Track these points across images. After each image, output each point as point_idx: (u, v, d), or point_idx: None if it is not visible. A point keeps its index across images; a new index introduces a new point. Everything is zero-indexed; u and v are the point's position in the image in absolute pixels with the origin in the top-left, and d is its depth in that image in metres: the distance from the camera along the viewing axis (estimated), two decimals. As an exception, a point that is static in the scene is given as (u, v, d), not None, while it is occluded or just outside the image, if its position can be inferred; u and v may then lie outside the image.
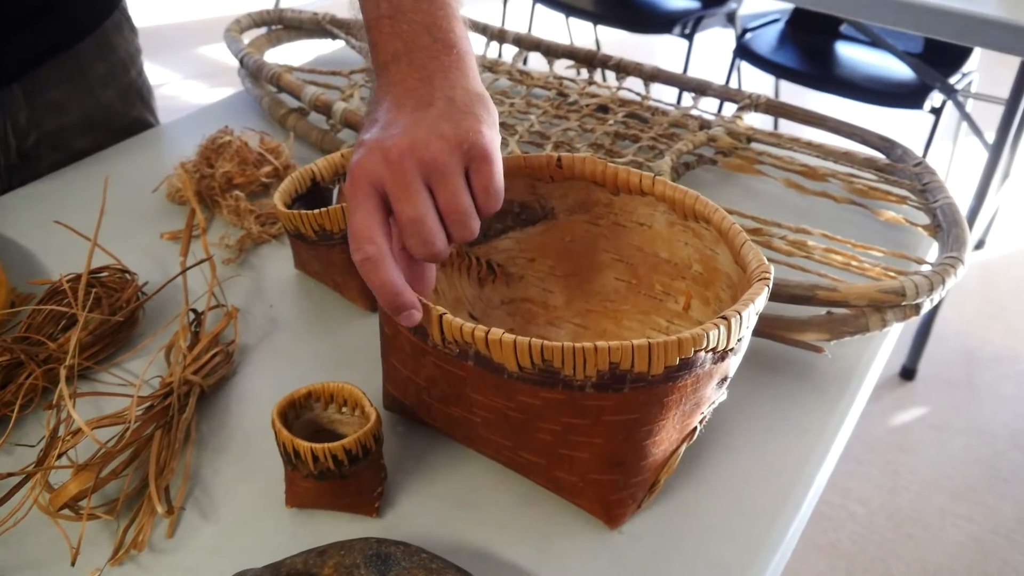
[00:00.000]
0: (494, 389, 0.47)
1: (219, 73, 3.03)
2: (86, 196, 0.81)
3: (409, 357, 0.51)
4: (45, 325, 0.61)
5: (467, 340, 0.46)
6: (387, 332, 0.53)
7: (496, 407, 0.48)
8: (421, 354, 0.50)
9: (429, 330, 0.47)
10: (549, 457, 0.50)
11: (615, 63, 0.96)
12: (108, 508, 0.50)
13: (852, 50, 2.18)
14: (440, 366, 0.49)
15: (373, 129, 0.47)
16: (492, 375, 0.47)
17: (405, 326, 0.48)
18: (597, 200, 0.60)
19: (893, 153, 0.84)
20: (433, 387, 0.51)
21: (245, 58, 0.94)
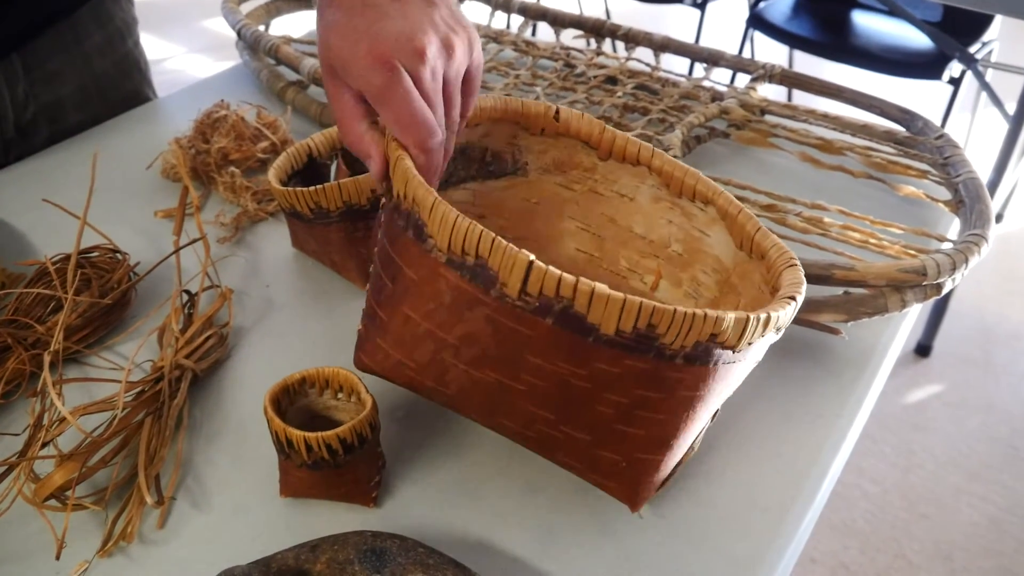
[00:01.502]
0: (567, 353, 0.41)
1: (222, 46, 3.00)
2: (80, 173, 0.79)
3: (444, 309, 0.43)
4: (34, 307, 0.59)
5: (563, 295, 0.39)
6: (412, 277, 0.44)
7: (558, 373, 0.42)
8: (470, 306, 0.42)
9: (503, 278, 0.40)
10: (599, 433, 0.45)
11: (624, 33, 0.93)
12: (96, 498, 0.49)
13: (868, 19, 2.12)
14: (498, 321, 0.42)
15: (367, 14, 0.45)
16: (573, 337, 0.41)
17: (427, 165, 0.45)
18: (579, 163, 0.57)
19: (913, 125, 0.80)
20: (469, 346, 0.43)
21: (243, 30, 0.92)
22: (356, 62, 0.44)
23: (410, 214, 0.43)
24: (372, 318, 0.47)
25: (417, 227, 0.43)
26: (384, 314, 0.46)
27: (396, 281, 0.45)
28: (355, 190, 0.60)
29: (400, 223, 0.44)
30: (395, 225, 0.45)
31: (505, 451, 0.53)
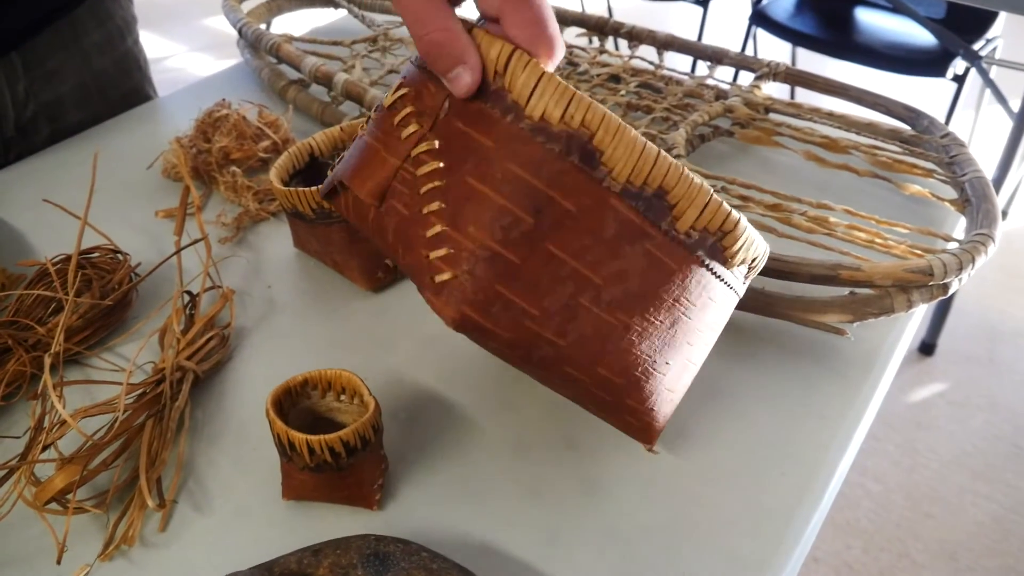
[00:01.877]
0: (695, 287, 0.43)
1: (223, 44, 2.99)
2: (80, 172, 0.78)
3: (603, 243, 0.40)
4: (34, 308, 0.59)
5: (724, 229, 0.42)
6: (569, 209, 0.39)
7: (678, 308, 0.43)
8: (632, 240, 0.40)
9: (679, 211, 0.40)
10: (677, 364, 0.45)
11: (627, 31, 0.92)
12: (98, 501, 0.48)
13: (872, 16, 2.12)
14: (654, 257, 0.41)
15: None
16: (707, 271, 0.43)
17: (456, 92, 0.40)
18: None
19: (919, 124, 0.80)
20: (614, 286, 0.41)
21: (244, 28, 0.91)
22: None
23: (573, 137, 0.39)
24: (488, 261, 0.39)
25: (586, 152, 0.39)
26: (515, 255, 0.39)
27: (541, 214, 0.39)
28: (357, 190, 0.59)
29: (553, 147, 0.39)
30: (541, 150, 0.39)
31: (508, 453, 0.53)
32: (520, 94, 0.39)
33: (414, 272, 0.41)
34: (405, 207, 0.41)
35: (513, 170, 0.39)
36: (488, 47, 0.39)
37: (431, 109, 0.41)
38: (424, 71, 0.42)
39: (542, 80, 0.39)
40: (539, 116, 0.39)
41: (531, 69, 0.39)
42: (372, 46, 0.95)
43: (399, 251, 0.41)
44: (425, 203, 0.40)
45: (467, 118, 0.40)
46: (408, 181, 0.41)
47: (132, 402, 0.52)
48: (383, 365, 0.59)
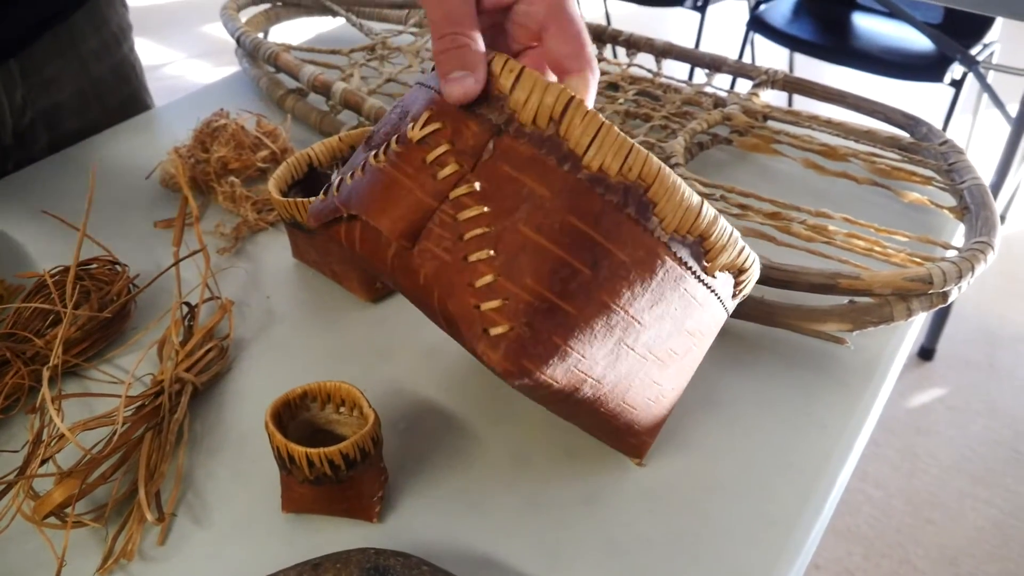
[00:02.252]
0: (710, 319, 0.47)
1: (221, 52, 3.00)
2: (79, 183, 0.78)
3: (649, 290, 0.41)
4: (32, 320, 0.59)
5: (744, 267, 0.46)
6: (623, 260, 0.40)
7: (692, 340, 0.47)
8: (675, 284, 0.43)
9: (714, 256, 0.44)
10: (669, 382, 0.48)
11: (625, 38, 0.92)
12: (96, 515, 0.48)
13: (869, 21, 2.12)
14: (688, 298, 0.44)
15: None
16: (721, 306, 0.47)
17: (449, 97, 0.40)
18: None
19: (917, 131, 0.80)
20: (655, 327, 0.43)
21: (242, 37, 0.91)
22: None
23: (630, 190, 0.39)
24: (546, 314, 0.39)
25: (641, 204, 0.40)
26: (572, 307, 0.40)
27: (598, 267, 0.39)
28: (356, 200, 0.59)
29: (613, 199, 0.39)
30: (599, 201, 0.39)
31: (508, 464, 0.53)
32: (579, 143, 0.39)
33: (458, 321, 0.40)
34: (446, 252, 0.40)
35: (572, 221, 0.39)
36: (543, 93, 0.39)
37: (472, 149, 0.40)
38: (462, 108, 0.41)
39: (601, 131, 0.39)
40: (598, 167, 0.39)
41: (590, 119, 0.39)
42: (370, 55, 0.95)
43: (434, 296, 0.41)
44: (471, 250, 0.40)
45: (517, 163, 0.40)
46: (448, 224, 0.40)
47: (131, 414, 0.52)
48: (382, 375, 0.59)
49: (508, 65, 0.40)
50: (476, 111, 0.40)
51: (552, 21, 0.41)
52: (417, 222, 0.41)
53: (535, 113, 0.40)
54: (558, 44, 0.41)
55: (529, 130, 0.40)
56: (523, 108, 0.40)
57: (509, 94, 0.40)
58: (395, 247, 0.42)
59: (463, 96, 0.39)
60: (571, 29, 0.41)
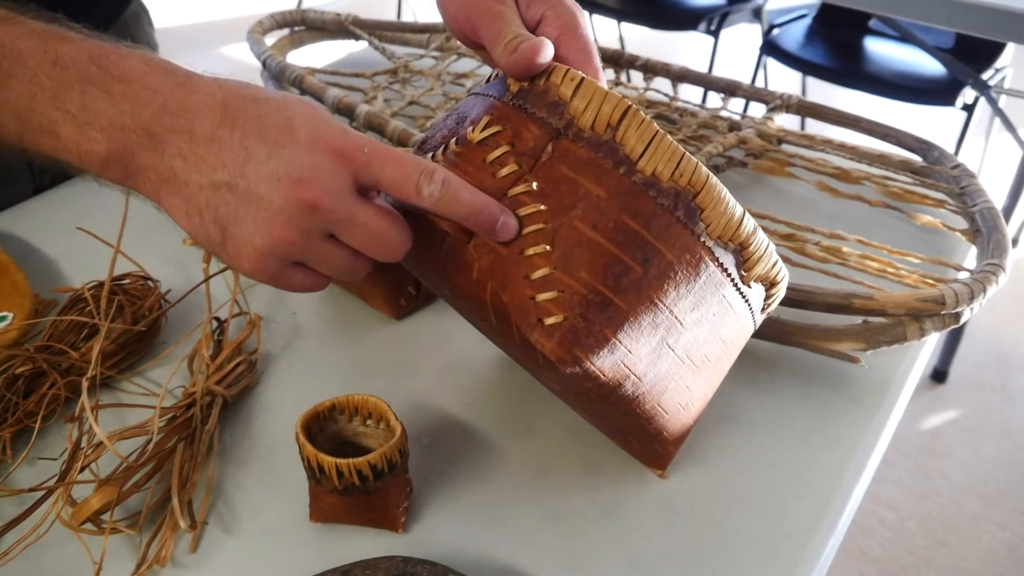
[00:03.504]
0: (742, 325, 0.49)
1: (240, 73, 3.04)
2: (109, 201, 0.80)
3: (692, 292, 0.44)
4: (67, 334, 0.61)
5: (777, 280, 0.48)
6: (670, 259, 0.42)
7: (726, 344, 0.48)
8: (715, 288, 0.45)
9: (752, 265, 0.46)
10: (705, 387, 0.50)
11: (642, 63, 0.94)
12: (130, 522, 0.50)
13: (881, 45, 2.14)
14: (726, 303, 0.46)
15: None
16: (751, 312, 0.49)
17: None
18: None
19: (930, 155, 0.81)
20: (695, 329, 0.45)
21: (268, 60, 0.94)
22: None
23: (680, 194, 0.42)
24: (600, 307, 0.42)
25: (689, 209, 0.42)
26: (623, 302, 0.42)
27: (649, 265, 0.42)
28: (382, 220, 0.61)
29: (664, 202, 0.42)
30: (652, 204, 0.42)
31: (529, 477, 0.54)
32: (634, 149, 0.42)
33: (512, 311, 0.42)
34: (503, 246, 0.43)
35: (626, 220, 0.42)
36: (602, 101, 0.42)
37: (532, 151, 0.43)
38: (523, 111, 0.44)
39: (656, 138, 0.42)
40: (651, 172, 0.42)
41: (646, 127, 0.42)
42: (392, 78, 0.97)
43: (488, 288, 0.43)
44: (527, 245, 0.42)
45: (575, 165, 0.42)
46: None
47: (164, 425, 0.53)
48: (406, 390, 0.60)
49: (569, 74, 0.44)
50: (538, 116, 0.43)
51: (563, 38, 0.46)
52: None
53: (594, 119, 0.43)
54: (571, 55, 0.46)
55: (587, 135, 0.43)
56: (582, 115, 0.43)
57: (569, 101, 0.43)
58: (448, 243, 0.44)
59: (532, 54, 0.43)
60: (578, 44, 0.46)
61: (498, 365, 0.62)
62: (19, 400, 0.56)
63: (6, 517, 0.50)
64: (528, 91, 0.44)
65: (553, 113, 0.43)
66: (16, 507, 0.51)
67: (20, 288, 0.66)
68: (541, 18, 0.47)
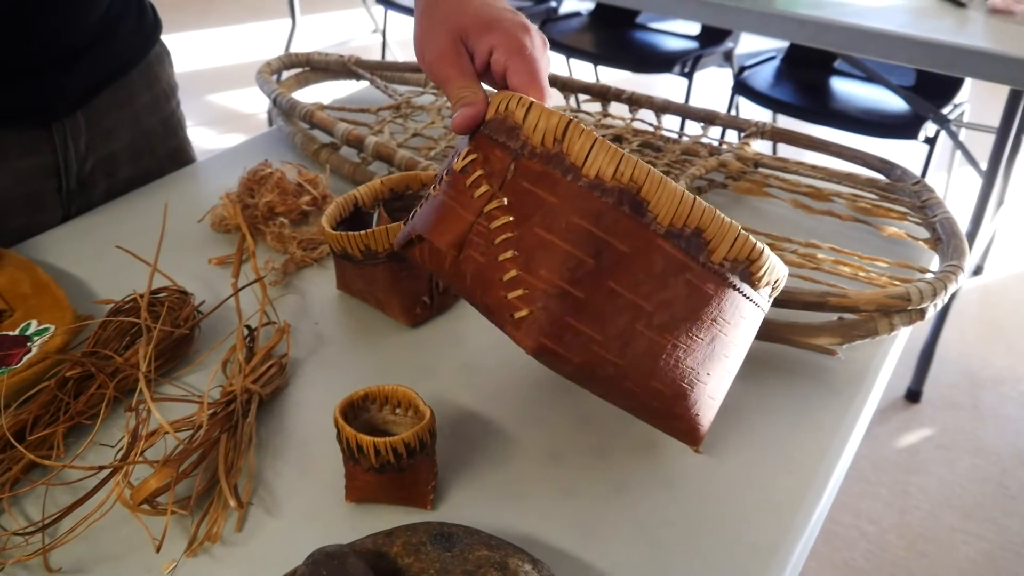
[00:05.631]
0: (731, 307, 0.51)
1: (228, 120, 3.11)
2: (134, 227, 0.86)
3: (653, 277, 0.48)
4: (111, 341, 0.66)
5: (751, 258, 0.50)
6: (623, 250, 0.47)
7: (717, 326, 0.51)
8: (676, 272, 0.48)
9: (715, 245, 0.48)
10: (716, 376, 0.53)
11: (627, 96, 1.02)
12: (182, 504, 0.54)
13: (847, 84, 2.25)
14: (694, 285, 0.49)
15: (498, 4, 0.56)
16: (739, 294, 0.50)
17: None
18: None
19: (893, 173, 0.89)
20: (663, 312, 0.49)
21: (278, 98, 1.00)
22: (504, 23, 0.53)
23: (624, 191, 0.47)
24: (559, 297, 0.47)
25: (635, 203, 0.47)
26: (580, 292, 0.47)
27: (601, 256, 0.47)
28: (401, 233, 0.67)
29: (608, 200, 0.47)
30: (596, 203, 0.47)
31: (543, 461, 0.60)
32: (578, 157, 0.48)
33: (493, 310, 0.49)
34: (482, 255, 0.49)
35: (576, 221, 0.47)
36: (548, 118, 0.49)
37: (499, 171, 0.50)
38: (490, 139, 0.51)
39: (595, 144, 0.47)
40: (594, 175, 0.47)
41: (586, 136, 0.48)
42: (396, 113, 1.04)
43: (477, 293, 0.50)
44: (500, 252, 0.49)
45: (532, 178, 0.49)
46: (483, 233, 0.49)
47: (208, 419, 0.58)
48: (425, 389, 0.66)
49: (520, 101, 0.50)
50: (501, 141, 0.50)
51: (511, 64, 0.53)
52: (461, 234, 0.50)
53: (543, 136, 0.48)
54: (514, 79, 0.53)
55: (539, 151, 0.49)
56: (533, 133, 0.49)
57: (522, 124, 0.49)
58: (450, 258, 0.51)
59: (464, 120, 0.52)
60: (524, 67, 0.52)
61: (508, 365, 0.68)
62: (70, 400, 0.61)
63: (60, 506, 0.54)
64: (492, 121, 0.51)
65: (511, 136, 0.50)
66: (70, 496, 0.55)
67: (61, 303, 0.71)
68: (491, 48, 0.54)
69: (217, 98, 3.31)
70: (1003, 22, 1.65)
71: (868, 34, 1.61)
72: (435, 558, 0.46)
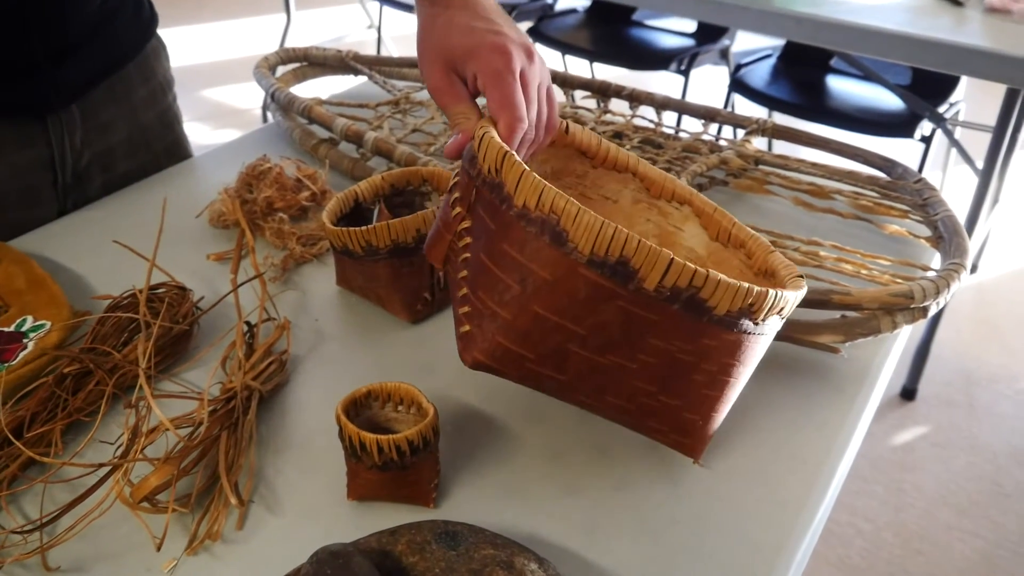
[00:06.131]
0: (684, 332, 0.49)
1: (223, 115, 3.10)
2: (130, 222, 0.85)
3: (578, 304, 0.48)
4: (109, 337, 0.65)
5: (694, 284, 0.47)
6: (546, 278, 0.48)
7: (670, 351, 0.49)
8: (605, 299, 0.48)
9: (644, 273, 0.47)
10: (689, 398, 0.52)
11: (628, 93, 1.01)
12: (182, 502, 0.54)
13: (843, 83, 2.25)
14: (628, 311, 0.48)
15: (484, 21, 0.59)
16: (691, 319, 0.48)
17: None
18: (573, 170, 0.66)
19: (894, 171, 0.89)
20: (598, 335, 0.49)
21: (276, 92, 0.99)
22: (481, 51, 0.57)
23: (545, 221, 0.48)
24: (491, 318, 0.50)
25: (555, 233, 0.47)
26: (508, 313, 0.50)
27: (525, 282, 0.49)
28: (402, 230, 0.66)
29: (531, 229, 0.48)
30: (521, 231, 0.49)
31: (546, 459, 0.59)
32: (510, 187, 0.50)
33: (455, 323, 0.54)
34: (453, 271, 0.55)
35: (505, 248, 0.50)
36: (490, 149, 0.51)
37: (467, 196, 0.53)
38: (463, 168, 0.55)
39: (523, 176, 0.49)
40: (522, 204, 0.49)
41: (515, 167, 0.49)
42: (394, 108, 1.03)
43: (454, 303, 0.54)
44: (460, 270, 0.54)
45: (483, 204, 0.52)
46: (456, 251, 0.54)
47: (207, 416, 0.58)
48: (426, 386, 0.65)
49: (480, 129, 0.53)
50: (467, 168, 0.54)
51: (487, 90, 0.56)
52: (443, 252, 0.56)
53: (488, 166, 0.51)
54: (490, 106, 0.56)
55: (488, 179, 0.51)
56: (483, 162, 0.52)
57: (477, 152, 0.52)
58: (442, 271, 0.57)
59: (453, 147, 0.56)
60: (495, 93, 0.55)
61: (510, 362, 0.68)
62: (68, 397, 0.60)
63: (59, 504, 0.53)
64: (466, 152, 0.55)
65: (472, 166, 0.53)
66: (69, 494, 0.55)
67: (57, 299, 0.70)
68: (475, 74, 0.57)
69: (212, 93, 3.29)
70: (1000, 21, 1.65)
71: (865, 32, 1.61)
72: (440, 557, 0.46)
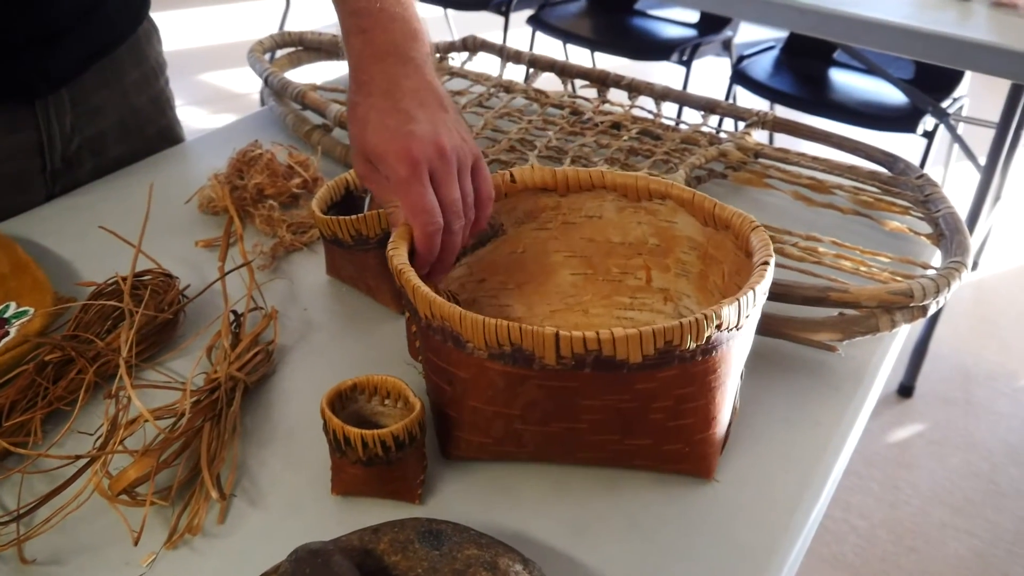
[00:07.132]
0: (610, 387, 0.50)
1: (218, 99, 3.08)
2: (121, 207, 0.84)
3: (500, 392, 0.51)
4: (92, 324, 0.64)
5: (590, 348, 0.48)
6: (465, 376, 0.52)
7: (608, 405, 0.51)
8: (520, 382, 0.50)
9: (539, 353, 0.48)
10: (658, 435, 0.53)
11: (627, 83, 1.00)
12: (162, 495, 0.53)
13: (846, 76, 2.23)
14: (546, 386, 0.50)
15: (398, 116, 0.57)
16: (610, 375, 0.49)
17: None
18: (544, 205, 0.65)
19: (895, 167, 0.87)
20: (532, 411, 0.52)
21: (270, 77, 0.98)
22: (388, 156, 0.57)
23: (444, 328, 0.51)
24: (445, 417, 0.56)
25: (454, 337, 0.50)
26: (453, 412, 0.55)
27: (453, 384, 0.53)
28: (393, 219, 0.65)
29: (438, 338, 0.52)
30: (434, 340, 0.52)
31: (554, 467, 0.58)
32: (411, 299, 0.52)
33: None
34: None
35: (429, 356, 0.54)
36: (393, 263, 0.54)
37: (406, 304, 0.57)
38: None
39: (416, 291, 0.52)
40: (424, 315, 0.52)
41: (410, 283, 0.52)
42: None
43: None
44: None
45: (411, 313, 0.55)
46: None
47: (190, 407, 0.56)
48: (415, 379, 0.64)
49: (391, 245, 0.56)
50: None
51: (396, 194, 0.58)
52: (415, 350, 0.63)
53: (397, 280, 0.54)
54: (403, 208, 0.57)
55: (403, 292, 0.54)
56: (394, 277, 0.54)
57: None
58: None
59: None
60: (404, 201, 0.57)
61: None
62: (49, 385, 0.59)
63: (37, 495, 0.52)
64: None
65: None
66: (47, 485, 0.53)
67: (41, 285, 0.69)
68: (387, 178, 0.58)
69: (208, 77, 3.27)
70: (1006, 15, 1.63)
71: (870, 25, 1.59)
72: (423, 556, 0.44)
